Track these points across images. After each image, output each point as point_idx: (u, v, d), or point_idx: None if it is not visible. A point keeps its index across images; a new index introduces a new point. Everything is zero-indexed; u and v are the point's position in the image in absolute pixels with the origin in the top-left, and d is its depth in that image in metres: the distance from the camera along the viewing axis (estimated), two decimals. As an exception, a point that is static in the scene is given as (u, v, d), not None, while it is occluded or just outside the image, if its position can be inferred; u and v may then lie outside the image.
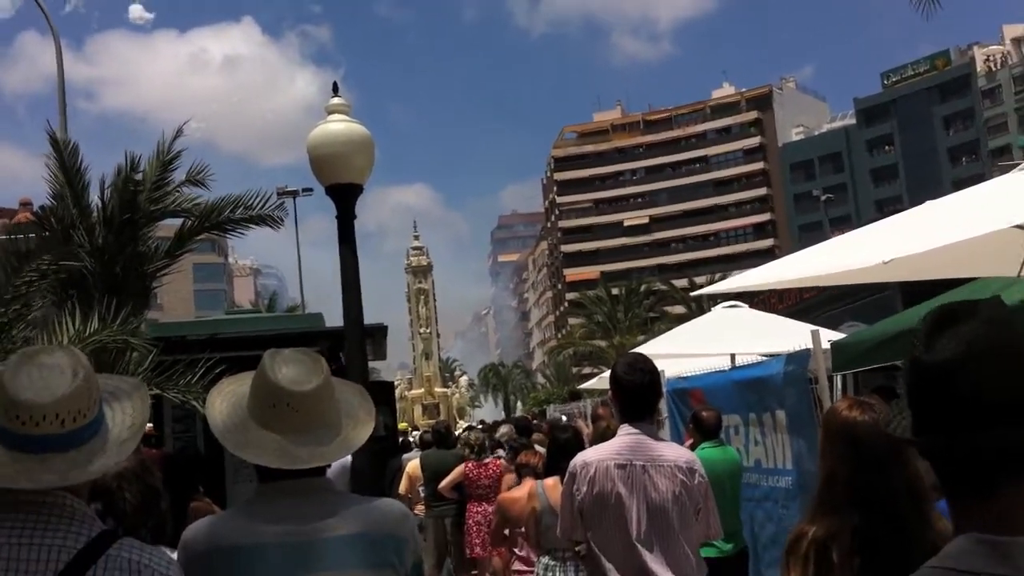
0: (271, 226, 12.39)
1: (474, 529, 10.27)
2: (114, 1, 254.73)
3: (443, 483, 10.68)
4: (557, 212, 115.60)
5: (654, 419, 4.44)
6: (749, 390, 7.63)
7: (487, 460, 10.67)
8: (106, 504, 3.05)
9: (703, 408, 7.76)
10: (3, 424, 2.10)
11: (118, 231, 11.04)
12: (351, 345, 7.77)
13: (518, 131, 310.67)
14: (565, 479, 4.52)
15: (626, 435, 4.35)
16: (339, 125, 7.72)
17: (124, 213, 11.08)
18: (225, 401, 2.68)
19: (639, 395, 4.39)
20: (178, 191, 11.72)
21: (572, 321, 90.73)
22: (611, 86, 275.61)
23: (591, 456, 4.41)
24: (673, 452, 4.39)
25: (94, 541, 2.10)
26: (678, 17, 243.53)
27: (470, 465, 10.51)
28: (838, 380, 7.43)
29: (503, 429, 13.90)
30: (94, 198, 11.41)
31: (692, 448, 6.72)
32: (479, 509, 10.28)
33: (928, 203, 6.22)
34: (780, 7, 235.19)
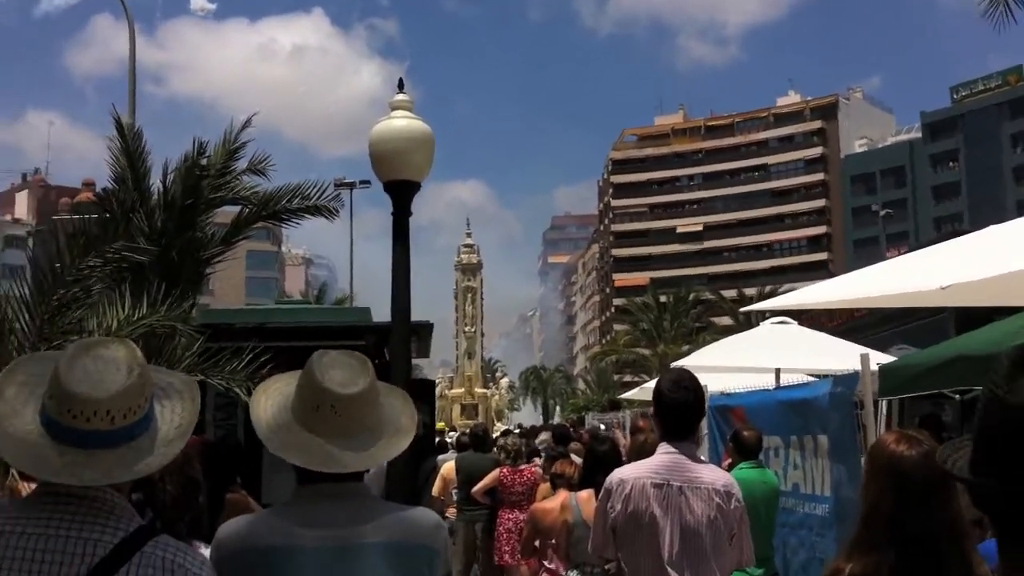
0: (326, 216, 12.51)
1: (504, 536, 10.21)
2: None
3: (476, 487, 10.63)
4: (611, 215, 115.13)
5: (695, 438, 4.38)
6: (793, 411, 7.51)
7: (522, 467, 10.61)
8: (147, 494, 3.09)
9: (744, 428, 7.64)
10: (54, 416, 2.11)
11: (178, 216, 11.19)
12: (396, 342, 7.78)
13: (576, 132, 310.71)
14: (600, 494, 4.48)
15: (665, 454, 4.30)
16: (402, 122, 7.74)
17: (186, 198, 11.24)
18: (270, 400, 2.70)
19: (681, 414, 4.34)
20: (238, 179, 11.87)
21: (617, 327, 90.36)
22: (674, 90, 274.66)
23: (628, 473, 4.36)
24: (711, 475, 4.33)
25: (130, 537, 2.12)
26: (747, 22, 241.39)
27: (505, 471, 10.46)
28: (883, 405, 7.30)
29: (543, 436, 13.86)
30: (155, 182, 11.59)
31: (730, 468, 6.64)
32: (511, 516, 10.21)
33: (990, 228, 6.11)
34: (850, 16, 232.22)
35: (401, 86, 8.08)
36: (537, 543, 6.72)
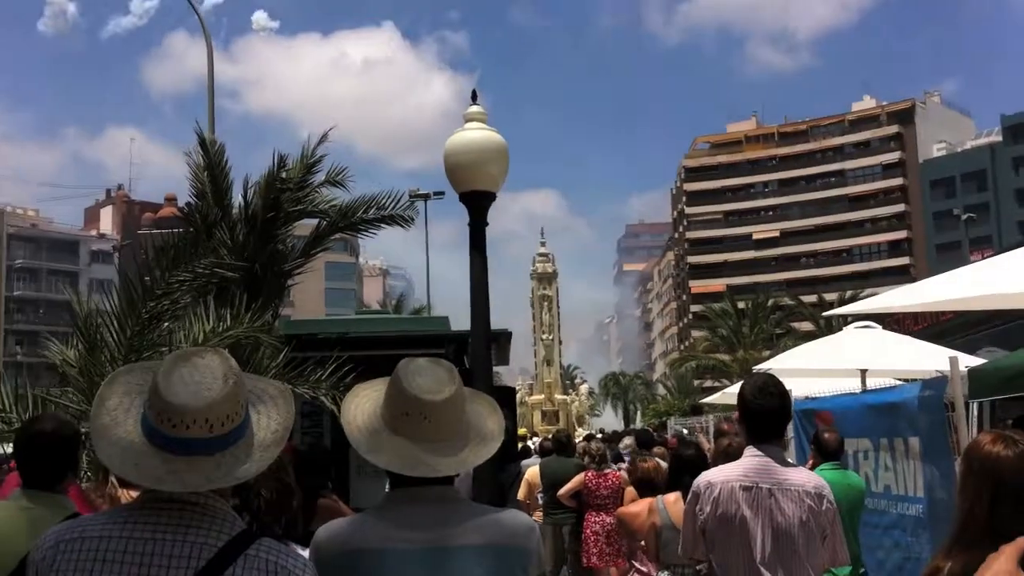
0: (402, 225, 12.64)
1: (591, 539, 10.26)
2: (259, 4, 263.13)
3: (562, 490, 10.70)
4: (685, 223, 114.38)
5: (782, 442, 4.36)
6: (881, 414, 7.43)
7: (607, 470, 10.65)
8: (243, 500, 3.16)
9: (826, 429, 7.60)
10: (154, 424, 2.18)
11: (261, 230, 11.41)
12: (477, 350, 7.83)
13: (646, 140, 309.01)
14: (688, 498, 4.47)
15: (752, 457, 4.29)
16: (476, 133, 7.79)
17: (266, 212, 11.45)
18: (359, 407, 2.74)
19: (768, 419, 4.32)
20: (316, 192, 12.07)
21: (696, 334, 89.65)
22: (745, 98, 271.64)
23: (716, 476, 4.35)
24: (800, 477, 4.30)
25: (234, 540, 2.18)
26: (818, 27, 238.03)
27: (590, 475, 10.51)
28: (974, 408, 7.17)
29: (626, 441, 13.84)
30: (236, 197, 11.83)
31: (811, 469, 6.59)
32: (597, 519, 10.26)
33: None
34: (922, 20, 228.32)
35: (475, 98, 8.13)
36: (626, 544, 6.73)
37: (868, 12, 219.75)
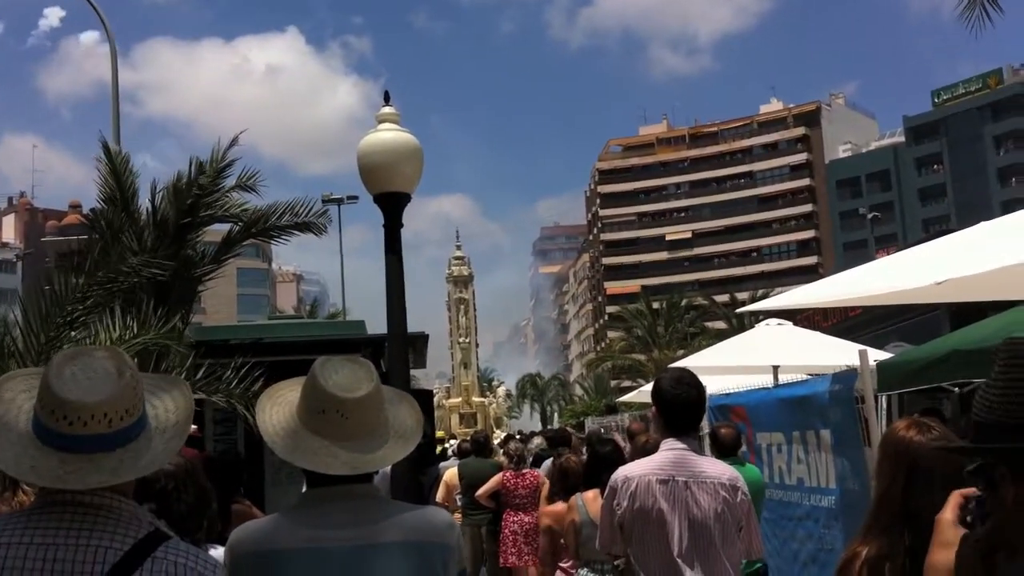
0: (316, 233, 12.53)
1: (510, 539, 10.28)
2: (160, 8, 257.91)
3: (480, 491, 10.71)
4: (600, 225, 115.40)
5: (698, 435, 4.40)
6: (793, 408, 7.56)
7: (524, 471, 10.68)
8: (161, 506, 3.08)
9: (722, 425, 7.72)
10: (49, 425, 2.10)
11: (173, 236, 11.19)
12: (394, 353, 7.79)
13: (555, 143, 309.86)
14: (606, 492, 4.49)
15: (669, 450, 4.33)
16: (389, 134, 7.75)
17: (177, 217, 11.23)
18: (276, 406, 2.69)
19: (684, 410, 4.36)
20: (228, 196, 11.87)
21: (612, 334, 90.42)
22: (652, 100, 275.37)
23: (633, 470, 4.38)
24: (716, 469, 4.35)
25: (141, 543, 2.11)
26: (717, 31, 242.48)
27: (508, 475, 10.54)
28: (883, 401, 7.34)
29: (536, 440, 13.92)
30: (144, 202, 11.58)
31: None
32: (515, 519, 10.29)
33: (981, 224, 6.15)
34: (823, 23, 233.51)
35: (387, 99, 8.08)
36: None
37: (766, 16, 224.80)
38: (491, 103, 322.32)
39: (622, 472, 4.43)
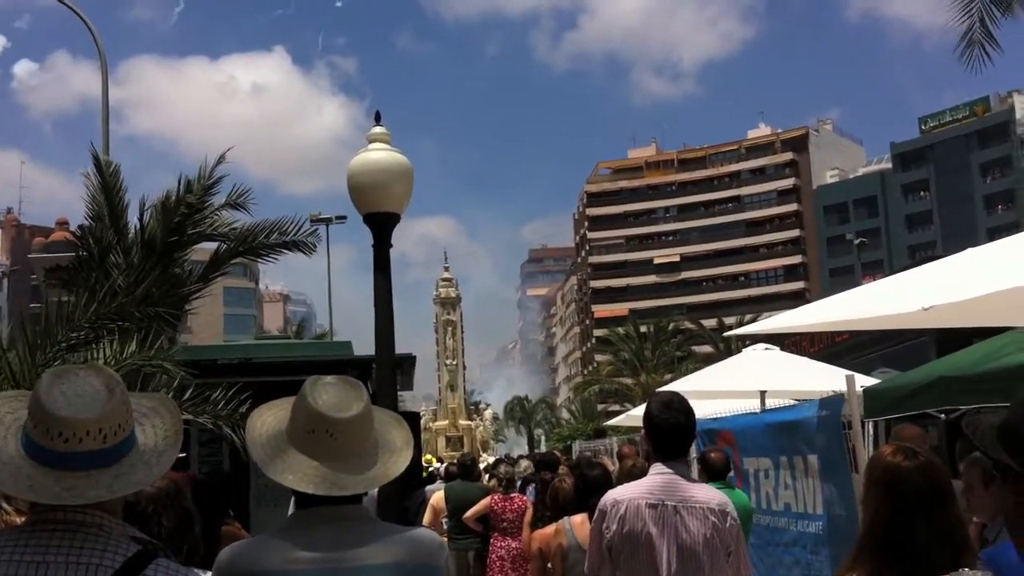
0: (304, 252, 12.51)
1: (497, 564, 10.20)
2: (146, 26, 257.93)
3: (468, 513, 10.64)
4: (588, 247, 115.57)
5: (687, 459, 4.40)
6: (781, 433, 7.56)
7: (513, 495, 10.63)
8: (142, 530, 3.06)
9: (712, 449, 7.73)
10: (42, 443, 2.11)
11: (160, 254, 11.16)
12: (381, 374, 7.75)
13: (541, 166, 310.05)
14: (595, 516, 4.48)
15: (658, 475, 4.32)
16: (380, 154, 7.73)
17: (164, 235, 11.21)
18: (265, 426, 2.69)
19: (671, 435, 4.36)
20: (216, 214, 11.86)
21: (599, 358, 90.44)
22: (639, 124, 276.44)
23: (622, 494, 4.37)
24: (705, 494, 4.34)
25: (130, 561, 2.12)
26: (700, 57, 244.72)
27: (496, 498, 10.48)
28: (870, 427, 7.36)
29: (523, 464, 13.86)
30: (132, 220, 11.56)
31: None
32: (503, 544, 10.21)
33: (968, 250, 6.18)
34: (807, 51, 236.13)
35: (378, 119, 8.06)
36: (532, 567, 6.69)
37: (750, 43, 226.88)
38: (476, 125, 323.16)
39: (611, 495, 4.42)
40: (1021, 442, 1.91)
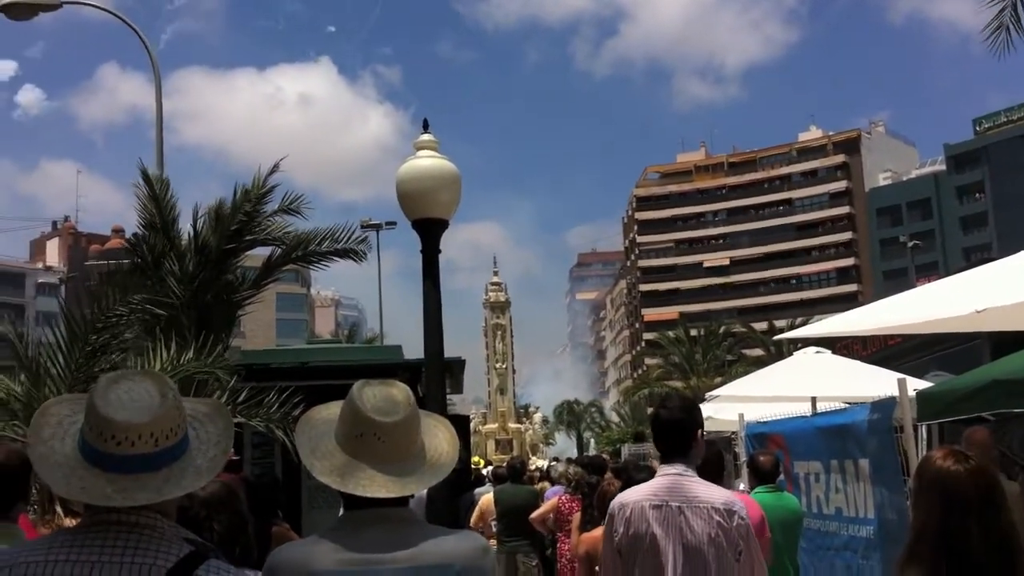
0: (355, 259, 12.64)
1: (567, 566, 10.12)
2: (193, 38, 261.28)
3: (535, 513, 10.60)
4: (637, 251, 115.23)
5: (692, 458, 4.38)
6: (832, 437, 7.50)
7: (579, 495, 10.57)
8: (194, 532, 3.11)
9: (760, 452, 7.66)
10: (96, 446, 2.16)
11: (215, 261, 11.32)
12: (431, 378, 7.81)
13: (587, 171, 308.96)
14: (605, 520, 4.51)
15: (663, 475, 4.32)
16: (428, 161, 7.79)
17: (219, 243, 11.37)
18: (315, 430, 2.73)
19: (662, 431, 4.37)
20: (269, 221, 12.01)
21: (649, 361, 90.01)
22: (683, 128, 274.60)
23: (628, 497, 4.38)
24: (709, 493, 4.28)
25: (182, 561, 2.16)
26: (745, 60, 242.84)
27: (563, 498, 10.42)
28: (923, 430, 7.27)
29: (560, 467, 13.81)
30: (185, 227, 11.74)
31: (748, 492, 6.65)
32: (568, 545, 10.16)
33: (1023, 252, 6.10)
34: (853, 53, 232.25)
35: (426, 126, 8.12)
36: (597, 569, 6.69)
37: (793, 47, 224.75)
38: (519, 132, 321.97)
39: (619, 499, 4.43)
40: None
